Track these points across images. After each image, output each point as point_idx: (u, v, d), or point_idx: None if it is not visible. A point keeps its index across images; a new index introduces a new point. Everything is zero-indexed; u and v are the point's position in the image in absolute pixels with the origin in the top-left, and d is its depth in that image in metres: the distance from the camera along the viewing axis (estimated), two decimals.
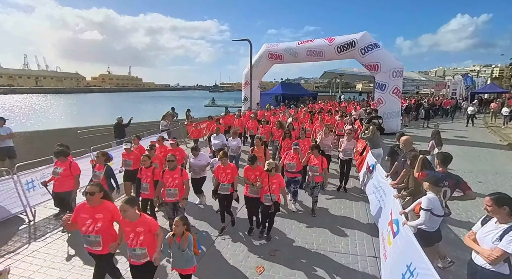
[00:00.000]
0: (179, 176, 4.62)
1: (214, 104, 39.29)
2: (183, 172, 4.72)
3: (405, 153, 5.10)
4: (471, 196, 3.91)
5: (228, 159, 5.26)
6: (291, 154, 5.96)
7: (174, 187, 4.55)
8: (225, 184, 5.00)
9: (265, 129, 9.86)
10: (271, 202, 4.62)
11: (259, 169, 4.94)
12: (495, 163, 9.51)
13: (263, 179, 4.70)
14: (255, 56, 18.97)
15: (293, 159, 5.87)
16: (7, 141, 7.98)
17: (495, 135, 14.62)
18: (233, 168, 5.11)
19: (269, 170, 4.66)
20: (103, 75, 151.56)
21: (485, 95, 29.74)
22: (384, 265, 3.82)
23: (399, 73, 14.06)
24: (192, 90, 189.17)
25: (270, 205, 4.65)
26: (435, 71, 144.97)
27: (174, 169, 4.64)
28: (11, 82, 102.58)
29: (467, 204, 5.91)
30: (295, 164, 5.88)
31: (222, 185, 5.03)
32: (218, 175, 5.11)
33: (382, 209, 4.88)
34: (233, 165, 5.23)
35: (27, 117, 34.11)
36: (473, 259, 2.77)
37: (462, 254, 4.12)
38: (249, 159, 4.97)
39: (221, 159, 5.12)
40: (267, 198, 4.64)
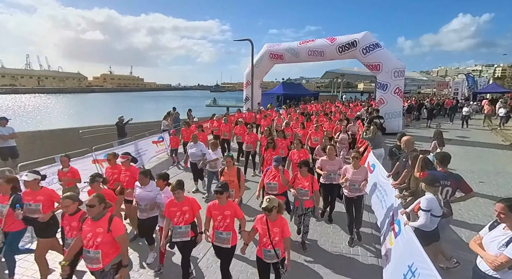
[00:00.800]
0: (105, 231, 2.95)
1: (215, 104, 39.34)
2: (114, 224, 3.02)
3: (407, 153, 5.10)
4: (471, 196, 3.91)
5: (183, 191, 3.63)
6: (272, 171, 4.74)
7: (94, 248, 2.92)
8: (181, 226, 3.61)
9: (250, 137, 8.33)
10: (276, 258, 3.19)
11: (230, 206, 3.54)
12: (497, 163, 9.47)
13: (259, 226, 3.25)
14: (257, 56, 18.98)
15: (275, 177, 4.65)
16: (10, 141, 8.00)
17: (497, 135, 14.56)
18: (192, 203, 3.67)
19: (268, 209, 3.12)
20: (104, 75, 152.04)
21: (487, 94, 29.65)
22: (385, 265, 3.82)
23: (401, 73, 14.03)
24: (194, 90, 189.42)
25: (276, 263, 3.22)
26: (437, 71, 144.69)
27: (98, 219, 3.02)
28: (14, 82, 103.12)
29: (469, 204, 5.89)
30: (276, 184, 4.60)
31: (177, 229, 3.61)
32: (170, 215, 3.64)
33: (384, 209, 4.88)
34: (191, 199, 3.71)
35: (29, 117, 34.25)
36: (478, 265, 2.72)
37: (464, 255, 4.12)
38: (216, 190, 3.48)
39: (174, 191, 3.57)
40: (268, 255, 3.20)
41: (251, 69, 18.63)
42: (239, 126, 9.61)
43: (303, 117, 12.58)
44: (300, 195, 4.48)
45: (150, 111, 41.65)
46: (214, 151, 6.60)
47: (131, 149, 8.82)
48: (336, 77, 36.81)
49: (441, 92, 38.92)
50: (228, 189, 3.66)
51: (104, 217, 3.06)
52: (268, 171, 4.81)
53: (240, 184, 4.81)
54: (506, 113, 16.22)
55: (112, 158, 5.31)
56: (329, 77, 39.80)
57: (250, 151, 8.28)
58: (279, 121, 11.75)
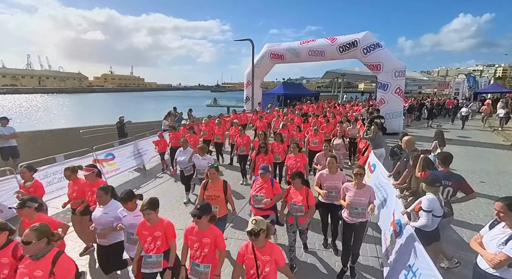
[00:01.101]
0: (45, 274, 2.33)
1: (216, 104, 39.37)
2: (60, 265, 2.40)
3: (408, 153, 5.09)
4: (472, 196, 3.90)
5: (155, 212, 2.98)
6: (259, 182, 4.20)
7: None
8: (151, 255, 2.96)
9: (243, 139, 7.70)
10: None
11: (211, 233, 2.89)
12: (498, 163, 9.45)
13: (245, 256, 2.67)
14: (257, 56, 18.97)
15: (262, 189, 4.10)
16: (11, 141, 8.02)
17: (498, 135, 14.54)
18: (167, 228, 3.00)
19: (254, 233, 2.55)
20: (105, 75, 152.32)
21: (488, 94, 29.59)
22: (386, 265, 3.81)
23: (401, 73, 14.01)
24: (194, 90, 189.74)
25: None
26: (437, 71, 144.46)
27: (39, 258, 2.38)
28: (14, 82, 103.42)
29: (470, 204, 5.88)
30: (263, 196, 4.02)
31: (147, 258, 2.96)
32: (141, 238, 3.05)
33: (385, 209, 4.87)
34: (166, 224, 3.02)
35: (30, 117, 34.31)
36: (478, 263, 2.75)
37: (465, 255, 4.11)
38: (194, 213, 2.85)
39: (143, 211, 2.90)
40: None
41: (251, 69, 18.62)
42: (234, 127, 9.09)
43: (300, 118, 12.08)
44: (293, 211, 3.94)
45: (151, 111, 41.75)
46: (202, 157, 5.85)
47: (131, 149, 8.84)
48: (336, 77, 36.77)
49: (442, 92, 38.86)
50: (209, 211, 2.93)
51: (47, 255, 2.36)
52: (255, 182, 4.25)
53: (227, 199, 4.10)
54: (506, 114, 15.92)
55: (71, 173, 4.52)
56: (330, 77, 39.77)
57: (244, 154, 7.74)
58: (277, 123, 11.01)
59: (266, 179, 4.15)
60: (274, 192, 4.12)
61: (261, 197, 4.05)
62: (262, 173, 4.12)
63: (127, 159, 8.60)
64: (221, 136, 9.27)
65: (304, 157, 5.78)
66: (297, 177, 3.90)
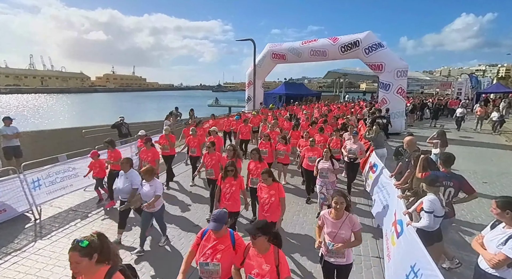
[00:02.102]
0: None
1: (217, 103, 39.46)
2: None
3: (410, 153, 5.08)
4: (474, 197, 3.90)
5: None
6: (211, 238, 2.81)
7: None
8: None
9: (212, 158, 5.78)
10: None
11: None
12: (500, 164, 9.41)
13: None
14: (259, 56, 18.98)
15: (215, 252, 2.68)
16: (14, 141, 8.07)
17: (501, 135, 14.46)
18: None
19: None
20: (107, 75, 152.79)
21: (491, 94, 29.44)
22: (387, 265, 3.81)
23: (404, 72, 13.97)
24: (196, 89, 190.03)
25: None
26: (440, 70, 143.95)
27: None
28: (17, 82, 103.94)
29: (472, 205, 5.86)
30: (218, 267, 2.52)
31: None
32: None
33: (386, 209, 4.86)
34: None
35: (33, 117, 34.47)
36: (479, 263, 2.77)
37: (467, 255, 4.11)
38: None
39: None
40: None
41: (253, 69, 18.63)
42: (212, 137, 7.37)
43: (289, 123, 10.63)
44: None
45: (152, 110, 41.87)
46: (149, 182, 4.37)
47: (132, 149, 8.86)
48: (338, 77, 36.74)
49: (444, 92, 38.70)
50: None
51: None
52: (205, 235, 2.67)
53: None
54: (499, 117, 15.09)
55: None
56: (332, 77, 39.74)
57: (212, 178, 5.73)
58: (264, 128, 9.68)
59: (220, 236, 2.58)
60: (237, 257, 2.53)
61: (213, 267, 2.50)
62: (214, 228, 2.51)
63: None
64: (197, 149, 7.56)
65: (280, 189, 4.09)
66: (260, 232, 2.34)
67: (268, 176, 4.12)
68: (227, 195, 4.30)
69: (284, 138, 7.24)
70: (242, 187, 4.45)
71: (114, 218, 5.72)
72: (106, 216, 5.90)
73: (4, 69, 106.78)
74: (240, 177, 4.49)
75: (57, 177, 6.49)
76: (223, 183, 4.39)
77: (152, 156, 6.39)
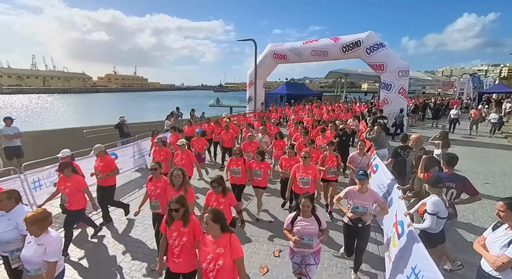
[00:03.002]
0: None
1: (218, 104, 39.48)
2: None
3: (416, 151, 5.03)
4: (477, 199, 3.86)
5: None
6: None
7: None
8: None
9: (156, 185, 4.19)
10: None
11: None
12: (503, 164, 9.35)
13: None
14: (260, 56, 18.97)
15: None
16: (15, 141, 8.08)
17: (503, 135, 14.37)
18: None
19: None
20: (109, 75, 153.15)
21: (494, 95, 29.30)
22: (388, 266, 3.79)
23: (405, 72, 13.92)
24: (197, 90, 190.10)
25: None
26: (442, 70, 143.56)
27: None
28: (20, 82, 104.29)
29: (474, 206, 5.81)
30: None
31: None
32: None
33: None
34: None
35: (34, 117, 34.60)
36: (481, 265, 2.73)
37: (469, 257, 4.07)
38: None
39: None
40: None
41: (254, 69, 18.63)
42: (180, 152, 6.10)
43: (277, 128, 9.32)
44: None
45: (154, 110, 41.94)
46: (36, 238, 2.65)
47: (134, 149, 8.87)
48: (339, 77, 36.69)
49: (446, 92, 38.56)
50: None
51: None
52: None
53: None
54: (499, 119, 14.13)
55: None
56: (333, 77, 39.70)
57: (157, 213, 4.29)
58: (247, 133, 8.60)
59: None
60: None
61: None
62: None
63: (130, 159, 8.64)
64: (164, 164, 5.98)
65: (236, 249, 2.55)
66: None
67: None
68: (176, 249, 2.84)
69: (261, 153, 5.50)
70: None
71: (114, 218, 5.73)
72: None
73: (6, 70, 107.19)
74: (195, 223, 2.90)
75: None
76: (168, 230, 2.90)
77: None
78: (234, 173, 5.47)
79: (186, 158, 6.07)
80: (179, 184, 3.85)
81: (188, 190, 3.85)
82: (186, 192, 3.74)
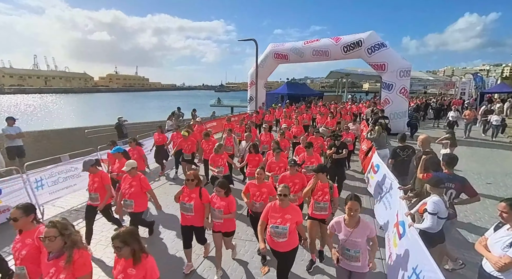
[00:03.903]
0: None
1: (220, 103, 39.51)
2: None
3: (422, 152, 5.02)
4: (476, 199, 3.86)
5: None
6: None
7: None
8: None
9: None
10: None
11: None
12: (505, 165, 9.31)
13: None
14: (261, 56, 18.96)
15: None
16: (17, 141, 8.12)
17: (506, 136, 14.32)
18: None
19: None
20: (110, 75, 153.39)
21: (495, 94, 29.17)
22: (389, 267, 3.79)
23: (407, 72, 13.89)
24: (198, 89, 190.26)
25: None
26: (443, 70, 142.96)
27: None
28: (21, 82, 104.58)
29: (475, 206, 5.80)
30: None
31: None
32: None
33: (388, 210, 4.84)
34: None
35: (36, 117, 34.70)
36: (483, 266, 2.73)
37: (470, 257, 4.07)
38: None
39: None
40: None
41: (255, 69, 18.62)
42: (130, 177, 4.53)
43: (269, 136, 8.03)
44: None
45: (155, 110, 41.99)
46: None
47: None
48: (341, 77, 36.60)
49: (447, 92, 38.41)
50: None
51: None
52: None
53: None
54: (502, 121, 13.00)
55: None
56: (334, 77, 39.56)
57: None
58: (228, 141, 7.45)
59: None
60: None
61: None
62: None
63: None
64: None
65: None
66: None
67: None
68: None
69: (223, 185, 3.76)
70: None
71: None
72: None
73: (8, 70, 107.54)
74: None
75: (59, 177, 6.52)
76: None
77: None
78: (185, 210, 3.85)
79: (137, 184, 4.44)
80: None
81: None
82: None
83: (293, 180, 4.28)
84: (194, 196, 3.78)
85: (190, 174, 3.87)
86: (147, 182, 4.54)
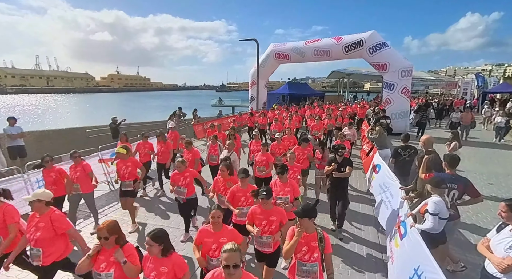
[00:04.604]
0: None
1: (221, 103, 39.55)
2: None
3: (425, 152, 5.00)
4: (478, 200, 3.84)
5: None
6: None
7: None
8: None
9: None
10: None
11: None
12: (507, 165, 9.27)
13: None
14: (262, 56, 18.96)
15: None
16: (18, 140, 8.15)
17: (507, 136, 14.24)
18: None
19: None
20: (112, 75, 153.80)
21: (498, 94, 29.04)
22: (391, 267, 3.77)
23: (408, 72, 13.85)
24: (199, 89, 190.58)
25: None
26: (445, 70, 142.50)
27: None
28: (23, 82, 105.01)
29: (477, 206, 5.75)
30: None
31: None
32: None
33: (389, 210, 4.81)
34: None
35: (38, 117, 34.82)
36: (485, 267, 2.71)
37: (472, 258, 4.05)
38: None
39: None
40: None
41: (256, 69, 18.62)
42: None
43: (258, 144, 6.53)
44: None
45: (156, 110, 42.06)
46: None
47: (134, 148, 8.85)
48: (342, 77, 36.54)
49: (449, 92, 38.27)
50: None
51: None
52: None
53: None
54: (506, 123, 12.46)
55: None
56: (335, 77, 39.48)
57: None
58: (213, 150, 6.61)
59: None
60: None
61: None
62: None
63: None
64: None
65: None
66: None
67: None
68: None
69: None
70: None
71: (116, 218, 5.74)
72: (109, 216, 5.92)
73: (10, 70, 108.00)
74: None
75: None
76: None
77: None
78: None
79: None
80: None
81: None
82: None
83: (267, 218, 3.20)
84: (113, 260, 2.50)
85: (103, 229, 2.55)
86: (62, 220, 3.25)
